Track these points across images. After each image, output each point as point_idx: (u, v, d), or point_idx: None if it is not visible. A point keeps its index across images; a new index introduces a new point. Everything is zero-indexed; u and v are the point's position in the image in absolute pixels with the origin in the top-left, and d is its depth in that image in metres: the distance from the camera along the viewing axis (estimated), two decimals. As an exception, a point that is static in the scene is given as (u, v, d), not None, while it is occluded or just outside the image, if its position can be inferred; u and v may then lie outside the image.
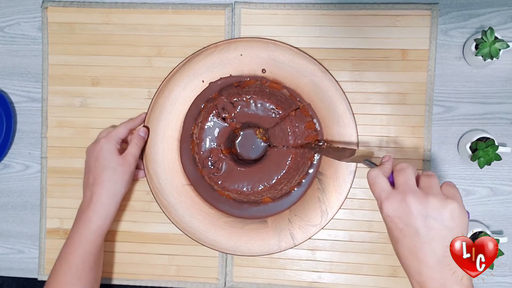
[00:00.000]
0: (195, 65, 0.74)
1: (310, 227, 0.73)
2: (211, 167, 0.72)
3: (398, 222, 0.53)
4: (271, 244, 0.73)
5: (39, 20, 0.79)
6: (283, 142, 0.72)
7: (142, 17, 0.77)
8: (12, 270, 0.80)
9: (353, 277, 0.75)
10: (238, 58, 0.74)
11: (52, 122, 0.79)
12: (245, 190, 0.72)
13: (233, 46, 0.74)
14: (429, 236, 0.52)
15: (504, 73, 0.74)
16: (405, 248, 0.53)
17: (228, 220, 0.74)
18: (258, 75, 0.74)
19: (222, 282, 0.77)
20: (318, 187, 0.73)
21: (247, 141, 0.74)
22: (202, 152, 0.73)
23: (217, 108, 0.72)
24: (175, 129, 0.75)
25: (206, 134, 0.73)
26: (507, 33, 0.74)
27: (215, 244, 0.74)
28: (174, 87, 0.74)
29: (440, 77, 0.75)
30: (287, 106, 0.72)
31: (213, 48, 0.74)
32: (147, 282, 0.78)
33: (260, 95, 0.71)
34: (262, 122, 0.72)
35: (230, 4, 0.77)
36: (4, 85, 0.80)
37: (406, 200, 0.52)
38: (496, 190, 0.74)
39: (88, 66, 0.78)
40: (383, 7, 0.74)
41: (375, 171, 0.56)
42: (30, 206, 0.80)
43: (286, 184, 0.72)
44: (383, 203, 0.54)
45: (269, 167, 0.72)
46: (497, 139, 0.71)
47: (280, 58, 0.73)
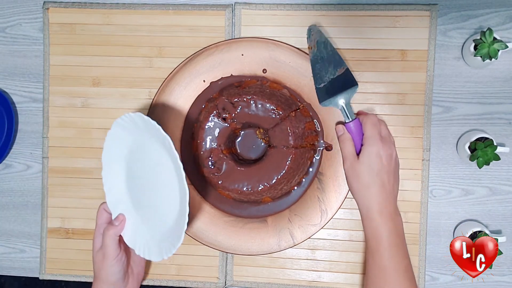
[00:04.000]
0: (196, 65, 0.75)
1: (309, 226, 0.73)
2: (211, 167, 0.73)
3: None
4: (271, 244, 0.74)
5: (40, 21, 0.80)
6: (283, 142, 0.72)
7: (143, 18, 0.78)
8: (14, 269, 0.81)
9: (352, 276, 0.76)
10: (239, 58, 0.74)
11: (54, 122, 0.79)
12: (245, 190, 0.72)
13: (234, 46, 0.74)
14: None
15: (503, 74, 0.74)
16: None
17: (229, 219, 0.75)
18: (259, 75, 0.74)
19: (223, 282, 0.77)
20: (318, 187, 0.74)
21: (248, 141, 0.74)
22: (202, 152, 0.73)
23: (217, 108, 0.72)
24: (176, 129, 0.75)
25: (206, 134, 0.73)
26: (505, 34, 0.74)
27: (215, 244, 0.74)
28: (175, 87, 0.75)
29: (439, 78, 0.75)
30: (287, 106, 0.72)
31: (214, 48, 0.75)
32: (147, 281, 0.78)
33: (260, 96, 0.72)
34: (262, 122, 0.73)
35: (230, 4, 0.77)
36: (6, 85, 0.81)
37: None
38: (494, 190, 0.75)
39: (89, 67, 0.78)
40: (382, 8, 0.74)
41: (346, 135, 0.69)
42: (31, 205, 0.81)
43: (286, 184, 0.73)
44: (345, 165, 0.69)
45: (269, 167, 0.72)
46: (495, 139, 0.71)
47: (281, 58, 0.74)
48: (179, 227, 0.63)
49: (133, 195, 0.71)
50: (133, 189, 0.70)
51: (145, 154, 0.68)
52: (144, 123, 0.64)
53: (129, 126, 0.67)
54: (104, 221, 0.71)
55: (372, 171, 0.66)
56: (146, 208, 0.69)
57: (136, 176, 0.70)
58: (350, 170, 0.68)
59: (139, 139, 0.67)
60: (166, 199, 0.66)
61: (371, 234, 0.66)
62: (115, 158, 0.70)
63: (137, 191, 0.70)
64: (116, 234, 0.69)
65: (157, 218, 0.68)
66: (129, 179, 0.71)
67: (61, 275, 0.79)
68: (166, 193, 0.66)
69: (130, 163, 0.70)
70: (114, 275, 0.69)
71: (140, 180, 0.69)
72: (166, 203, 0.66)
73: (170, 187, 0.65)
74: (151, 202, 0.69)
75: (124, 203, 0.71)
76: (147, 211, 0.69)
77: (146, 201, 0.69)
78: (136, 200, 0.70)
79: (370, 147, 0.67)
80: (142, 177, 0.69)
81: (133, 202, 0.71)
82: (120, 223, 0.69)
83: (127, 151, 0.70)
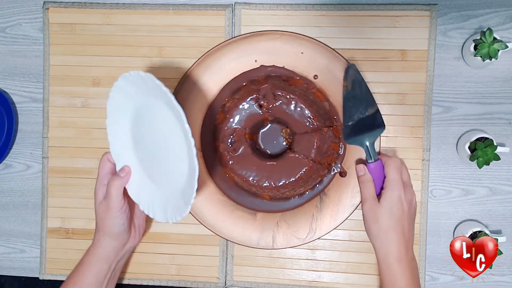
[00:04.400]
0: (255, 43, 0.73)
1: (294, 238, 0.73)
2: (229, 145, 0.72)
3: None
4: (251, 238, 0.73)
5: (40, 21, 0.80)
6: (304, 151, 0.70)
7: (143, 18, 0.78)
8: (14, 269, 0.81)
9: (352, 276, 0.76)
10: (297, 55, 0.73)
11: (54, 122, 0.79)
12: (251, 180, 0.71)
13: (297, 42, 0.73)
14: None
15: (503, 74, 0.74)
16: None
17: (222, 198, 0.74)
18: (309, 78, 0.73)
19: (223, 281, 0.77)
20: (317, 205, 0.73)
21: (271, 135, 0.73)
22: (226, 128, 0.72)
23: (259, 93, 0.71)
24: (210, 93, 0.74)
25: (237, 112, 0.71)
26: (505, 34, 0.74)
27: (200, 216, 0.74)
28: (226, 54, 0.73)
29: (439, 78, 0.75)
30: (323, 120, 0.71)
31: (279, 35, 0.73)
32: (148, 281, 0.78)
33: (303, 100, 0.70)
34: (293, 124, 0.71)
35: (230, 4, 0.77)
36: (6, 85, 0.81)
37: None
38: (494, 190, 0.75)
39: (89, 67, 0.78)
40: (382, 8, 0.74)
41: (368, 175, 0.67)
42: (31, 205, 0.81)
43: (290, 190, 0.72)
44: (364, 207, 0.67)
45: (282, 169, 0.71)
46: (495, 139, 0.71)
47: (336, 72, 0.72)
48: (186, 197, 0.61)
49: (138, 152, 0.68)
50: (139, 147, 0.68)
51: (154, 117, 0.65)
52: (156, 87, 0.61)
53: (139, 84, 0.64)
54: (108, 171, 0.69)
55: (393, 216, 0.65)
56: (153, 169, 0.67)
57: (143, 135, 0.67)
58: (370, 213, 0.66)
59: (149, 100, 0.64)
60: (174, 167, 0.64)
61: (389, 282, 0.64)
62: (121, 111, 0.68)
63: (143, 149, 0.68)
64: (122, 186, 0.67)
65: (164, 181, 0.66)
66: (136, 136, 0.68)
67: (61, 275, 0.79)
68: (175, 161, 0.64)
69: (137, 121, 0.67)
70: (117, 227, 0.68)
71: (147, 140, 0.67)
72: (174, 171, 0.64)
73: (179, 157, 0.62)
74: (158, 164, 0.67)
75: (129, 157, 0.68)
76: (153, 172, 0.67)
77: (152, 162, 0.67)
78: (142, 158, 0.68)
79: (392, 191, 0.65)
80: (150, 138, 0.66)
81: (139, 158, 0.68)
82: (126, 175, 0.67)
83: (134, 107, 0.67)
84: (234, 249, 0.77)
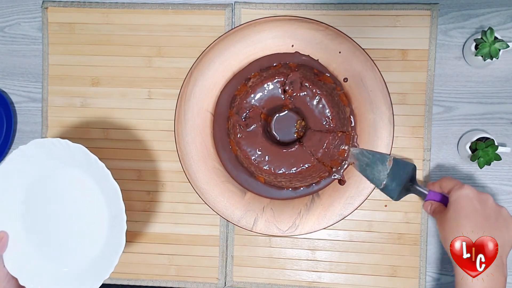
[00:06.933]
0: (298, 28, 0.73)
1: (274, 227, 0.73)
2: (243, 119, 0.71)
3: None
4: (234, 214, 0.73)
5: (39, 20, 0.79)
6: (312, 148, 0.70)
7: (142, 17, 0.77)
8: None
9: (353, 277, 0.75)
10: (334, 52, 0.72)
11: (52, 122, 0.79)
12: (253, 159, 0.71)
13: (339, 40, 0.72)
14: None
15: (504, 73, 0.74)
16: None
17: (218, 167, 0.74)
18: (339, 79, 0.73)
19: (222, 282, 0.77)
20: (307, 204, 0.73)
21: (285, 123, 0.72)
22: (245, 102, 0.71)
23: (287, 78, 0.71)
24: (238, 63, 0.74)
25: (260, 90, 0.71)
26: (506, 33, 0.74)
27: (193, 177, 0.73)
28: (266, 30, 0.73)
29: (440, 77, 0.75)
30: (340, 124, 0.71)
31: (324, 27, 0.72)
32: (147, 282, 0.78)
33: (328, 98, 0.70)
34: (310, 119, 0.71)
35: (230, 4, 0.77)
36: (5, 85, 0.81)
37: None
38: (495, 190, 0.75)
39: (88, 66, 0.78)
40: (383, 7, 0.74)
41: (435, 204, 0.67)
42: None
43: (286, 181, 0.72)
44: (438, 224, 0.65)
45: (285, 158, 0.70)
46: (497, 139, 0.71)
47: (367, 82, 0.72)
48: (98, 271, 0.62)
49: (29, 223, 0.67)
50: (31, 217, 0.67)
51: (65, 187, 0.67)
52: (86, 160, 0.63)
53: (54, 152, 0.65)
54: None
55: (462, 213, 0.62)
56: (49, 242, 0.67)
57: (43, 206, 0.67)
58: (441, 223, 0.64)
59: (64, 170, 0.66)
60: (85, 240, 0.66)
61: None
62: (18, 177, 0.67)
63: (38, 221, 0.67)
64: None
65: (64, 255, 0.67)
66: (30, 205, 0.68)
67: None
68: (87, 234, 0.66)
69: (37, 189, 0.67)
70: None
71: (48, 212, 0.67)
72: (83, 244, 0.66)
73: (95, 230, 0.65)
74: (59, 237, 0.67)
75: (12, 225, 0.67)
76: (49, 245, 0.67)
77: (50, 235, 0.67)
78: (33, 229, 0.67)
79: (454, 192, 0.64)
80: (52, 211, 0.67)
81: (27, 229, 0.67)
82: (0, 241, 0.65)
83: (37, 175, 0.67)
84: (234, 250, 0.76)
